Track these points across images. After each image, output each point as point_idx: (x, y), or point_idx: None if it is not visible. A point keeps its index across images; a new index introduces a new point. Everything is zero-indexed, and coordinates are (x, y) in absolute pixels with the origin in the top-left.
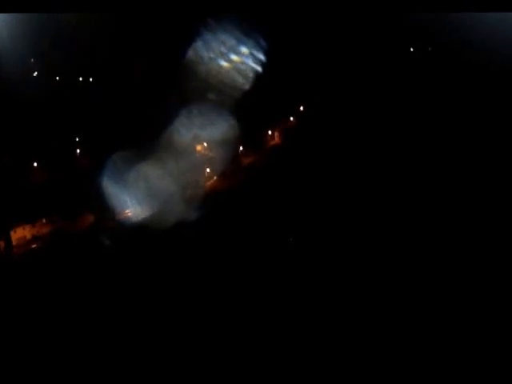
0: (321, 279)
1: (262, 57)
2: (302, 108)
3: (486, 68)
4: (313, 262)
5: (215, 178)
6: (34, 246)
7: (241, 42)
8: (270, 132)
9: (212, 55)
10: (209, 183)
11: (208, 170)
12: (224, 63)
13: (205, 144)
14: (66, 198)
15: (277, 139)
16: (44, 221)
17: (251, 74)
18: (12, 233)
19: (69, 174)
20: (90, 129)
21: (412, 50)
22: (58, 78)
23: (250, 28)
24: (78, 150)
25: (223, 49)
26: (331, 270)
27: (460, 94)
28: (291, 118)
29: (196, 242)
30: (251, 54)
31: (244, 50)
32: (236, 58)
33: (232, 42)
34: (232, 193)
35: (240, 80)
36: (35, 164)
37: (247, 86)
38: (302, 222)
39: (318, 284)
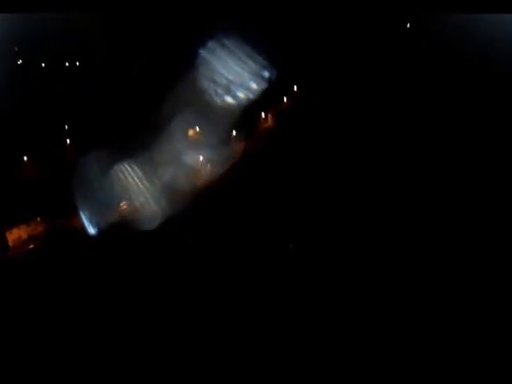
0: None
1: (257, 46)
2: (296, 90)
3: (487, 69)
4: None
5: (209, 165)
6: (30, 246)
7: (236, 33)
8: (263, 115)
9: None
10: (203, 171)
11: (201, 157)
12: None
13: (197, 129)
14: (60, 194)
15: (270, 122)
16: (39, 219)
17: (244, 61)
18: (7, 234)
19: (60, 171)
20: (81, 124)
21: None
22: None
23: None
24: (70, 145)
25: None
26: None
27: (460, 93)
28: (285, 101)
29: (191, 234)
30: (247, 44)
31: (240, 40)
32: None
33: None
34: (227, 181)
35: (234, 66)
36: (25, 158)
37: (241, 72)
38: (297, 211)
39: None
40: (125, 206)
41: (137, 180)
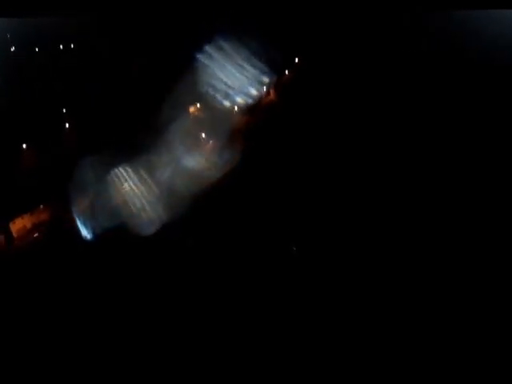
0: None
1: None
2: (297, 62)
3: (489, 65)
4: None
5: (211, 142)
6: (35, 235)
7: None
8: (264, 89)
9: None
10: (206, 148)
11: (203, 135)
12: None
13: (198, 105)
14: (60, 181)
15: (272, 96)
16: (42, 207)
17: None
18: (11, 224)
19: (59, 157)
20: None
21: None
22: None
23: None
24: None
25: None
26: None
27: (462, 91)
28: (286, 73)
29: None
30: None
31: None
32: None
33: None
34: (226, 183)
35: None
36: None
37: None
38: (298, 211)
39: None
40: (127, 189)
41: (136, 182)
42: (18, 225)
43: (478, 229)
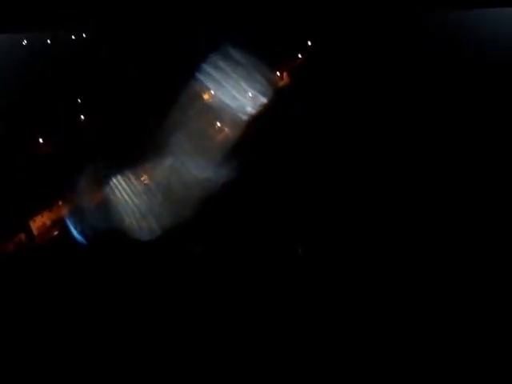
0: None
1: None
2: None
3: (487, 64)
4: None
5: (226, 129)
6: (55, 232)
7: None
8: (278, 73)
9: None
10: (220, 136)
11: (218, 123)
12: None
13: (212, 92)
14: (75, 175)
15: (286, 79)
16: (60, 203)
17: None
18: (31, 222)
19: (73, 150)
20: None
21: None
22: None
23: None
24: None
25: None
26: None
27: (461, 89)
28: (299, 57)
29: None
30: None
31: None
32: None
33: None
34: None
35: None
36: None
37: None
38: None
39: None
40: (146, 181)
41: (134, 190)
42: (38, 223)
43: (478, 228)
